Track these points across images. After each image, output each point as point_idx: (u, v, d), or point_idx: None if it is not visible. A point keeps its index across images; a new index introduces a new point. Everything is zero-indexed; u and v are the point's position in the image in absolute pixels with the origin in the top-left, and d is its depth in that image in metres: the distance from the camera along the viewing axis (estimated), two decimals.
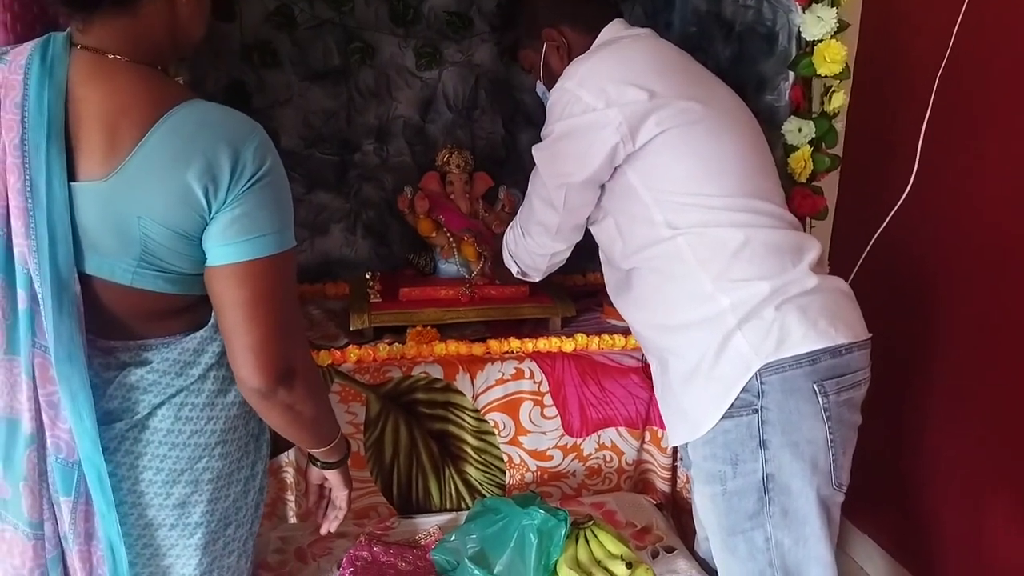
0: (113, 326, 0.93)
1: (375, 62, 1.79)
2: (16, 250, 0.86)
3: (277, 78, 1.75)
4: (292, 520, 1.55)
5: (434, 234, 1.73)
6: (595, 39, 1.31)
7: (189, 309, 0.97)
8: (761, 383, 1.09)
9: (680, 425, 1.20)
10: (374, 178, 1.86)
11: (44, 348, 0.88)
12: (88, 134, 0.85)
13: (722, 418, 1.11)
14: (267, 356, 0.91)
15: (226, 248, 0.88)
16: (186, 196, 0.86)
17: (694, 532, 1.44)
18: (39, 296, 0.86)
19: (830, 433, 1.11)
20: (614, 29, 1.31)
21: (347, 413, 1.52)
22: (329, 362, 1.50)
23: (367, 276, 1.65)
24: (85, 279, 0.90)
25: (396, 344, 1.53)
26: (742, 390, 1.10)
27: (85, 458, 0.91)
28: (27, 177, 0.83)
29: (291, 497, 1.54)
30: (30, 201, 0.83)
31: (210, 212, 0.87)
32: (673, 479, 1.64)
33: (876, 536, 1.95)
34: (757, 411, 1.10)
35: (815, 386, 1.09)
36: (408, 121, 1.84)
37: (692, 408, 1.16)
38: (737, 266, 1.12)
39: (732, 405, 1.11)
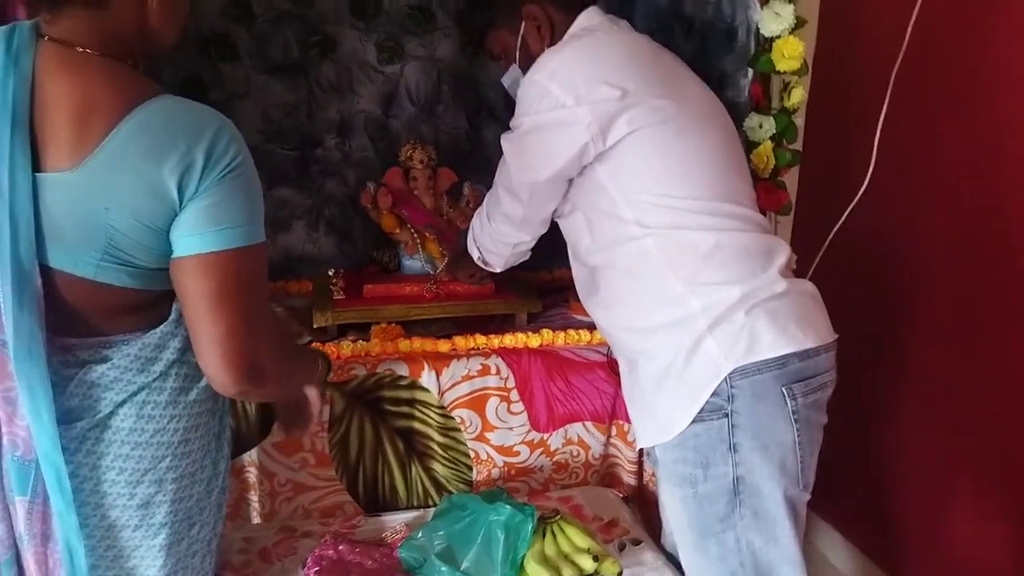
0: (73, 322, 0.91)
1: (336, 56, 1.77)
2: None
3: (235, 72, 1.72)
4: (256, 520, 1.53)
5: (398, 230, 1.71)
6: (572, 22, 1.27)
7: (150, 305, 0.96)
8: (731, 387, 1.10)
9: (649, 427, 1.20)
10: (336, 173, 1.84)
11: (4, 343, 0.86)
12: (55, 124, 0.84)
13: (692, 422, 1.11)
14: (233, 350, 0.90)
15: (193, 238, 0.88)
16: (158, 189, 0.85)
17: (660, 525, 1.45)
18: None
19: (798, 435, 1.11)
20: (590, 16, 1.27)
21: None
22: None
23: (330, 273, 1.63)
24: (46, 273, 0.87)
25: (360, 341, 1.52)
26: (712, 394, 1.10)
27: (43, 457, 0.88)
28: None
29: (255, 497, 1.52)
30: None
31: (180, 204, 0.87)
32: (639, 473, 1.65)
33: (840, 526, 2.00)
34: (727, 415, 1.10)
35: (784, 389, 1.10)
36: (370, 116, 1.83)
37: (662, 411, 1.16)
38: (707, 270, 1.12)
39: (702, 409, 1.11)
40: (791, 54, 1.35)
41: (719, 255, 1.13)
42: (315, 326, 1.56)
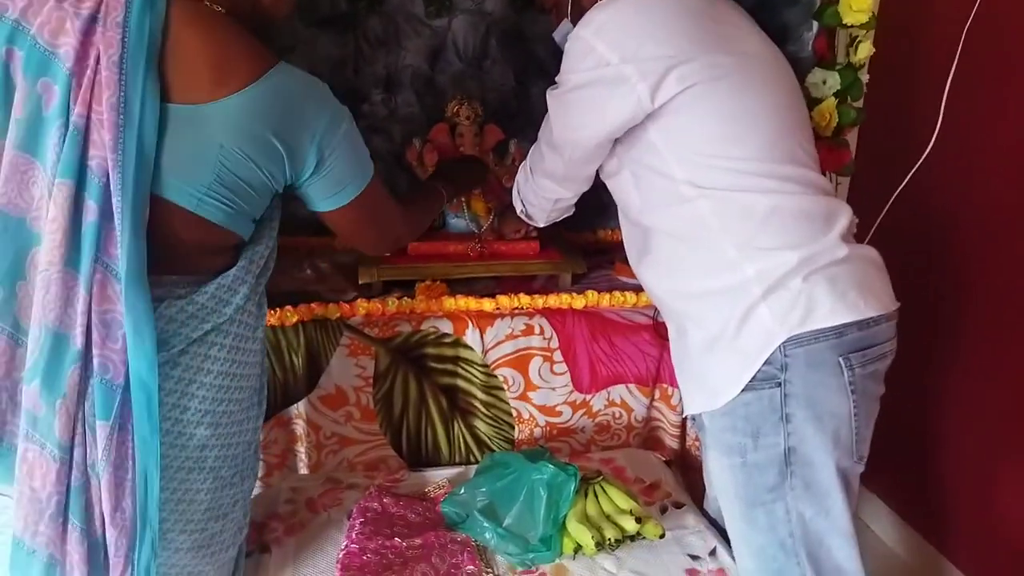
0: (161, 256, 0.93)
1: (383, 8, 1.73)
2: (94, 161, 0.87)
3: (282, 24, 1.70)
4: (303, 471, 1.56)
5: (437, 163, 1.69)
6: None
7: (229, 250, 1.02)
8: (785, 356, 1.06)
9: (697, 394, 1.17)
10: (382, 130, 1.82)
11: (106, 265, 0.89)
12: (187, 65, 0.90)
13: (743, 390, 1.08)
14: (381, 248, 1.35)
15: (326, 200, 1.06)
16: (283, 154, 0.96)
17: (702, 489, 1.44)
18: (115, 212, 0.87)
19: (854, 406, 1.08)
20: None
21: (356, 367, 1.52)
22: (338, 315, 1.49)
23: None
24: (151, 202, 0.91)
25: (405, 298, 1.52)
26: (764, 363, 1.07)
27: (138, 381, 0.90)
28: (122, 94, 0.86)
29: (302, 448, 1.55)
30: (122, 117, 0.86)
31: (302, 175, 1.01)
32: (682, 436, 1.64)
33: (884, 496, 1.96)
34: (780, 384, 1.07)
35: (841, 359, 1.06)
36: (417, 71, 1.80)
37: (711, 378, 1.13)
38: (764, 234, 1.08)
39: (754, 378, 1.07)
40: (859, 7, 1.28)
41: (776, 219, 1.08)
42: (360, 282, 1.56)
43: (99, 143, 0.86)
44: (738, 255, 1.09)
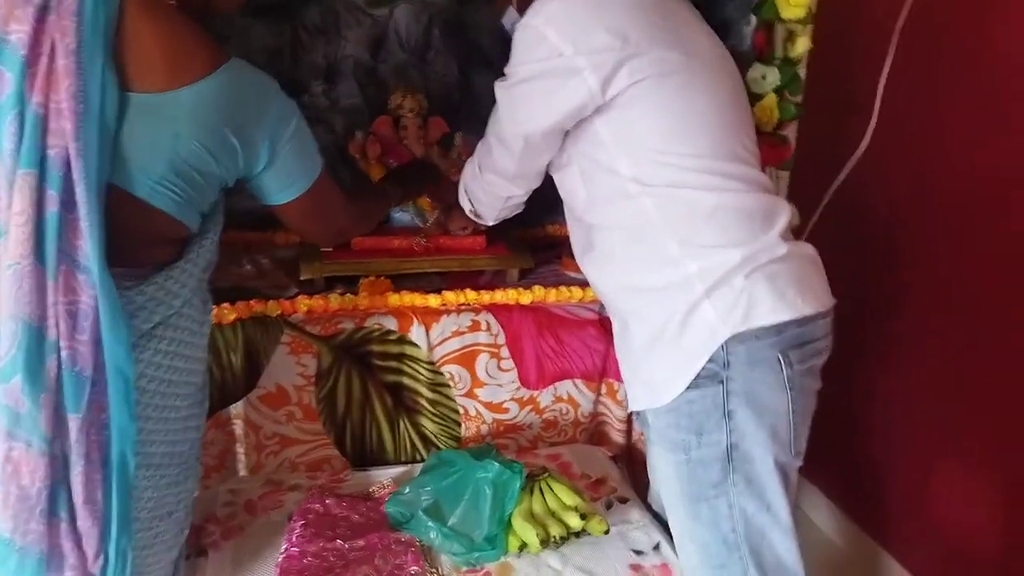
0: (108, 248, 0.91)
1: None
2: (53, 151, 0.85)
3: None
4: (242, 473, 1.52)
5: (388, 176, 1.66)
6: None
7: (177, 243, 1.02)
8: (727, 353, 1.07)
9: (641, 391, 1.17)
10: (323, 121, 1.77)
11: (69, 256, 0.87)
12: (142, 55, 0.90)
13: (687, 388, 1.09)
14: (327, 239, 1.43)
15: (274, 196, 1.10)
16: (226, 148, 0.97)
17: (647, 483, 1.45)
18: (79, 202, 0.86)
19: (792, 403, 1.09)
20: None
21: (298, 365, 1.48)
22: (278, 312, 1.45)
23: None
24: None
25: (348, 295, 1.49)
26: (708, 360, 1.07)
27: (115, 369, 0.90)
28: (81, 82, 0.85)
29: (241, 450, 1.51)
30: (82, 105, 0.85)
31: (255, 168, 1.03)
32: (628, 431, 1.65)
33: (826, 489, 2.01)
34: (722, 382, 1.08)
35: (780, 355, 1.07)
36: (358, 61, 1.76)
37: (655, 376, 1.13)
38: (707, 231, 1.09)
39: (698, 376, 1.08)
40: (796, 1, 1.29)
41: (720, 216, 1.09)
42: (302, 278, 1.53)
43: (58, 132, 0.85)
44: (681, 252, 1.09)
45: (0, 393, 0.86)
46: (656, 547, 1.30)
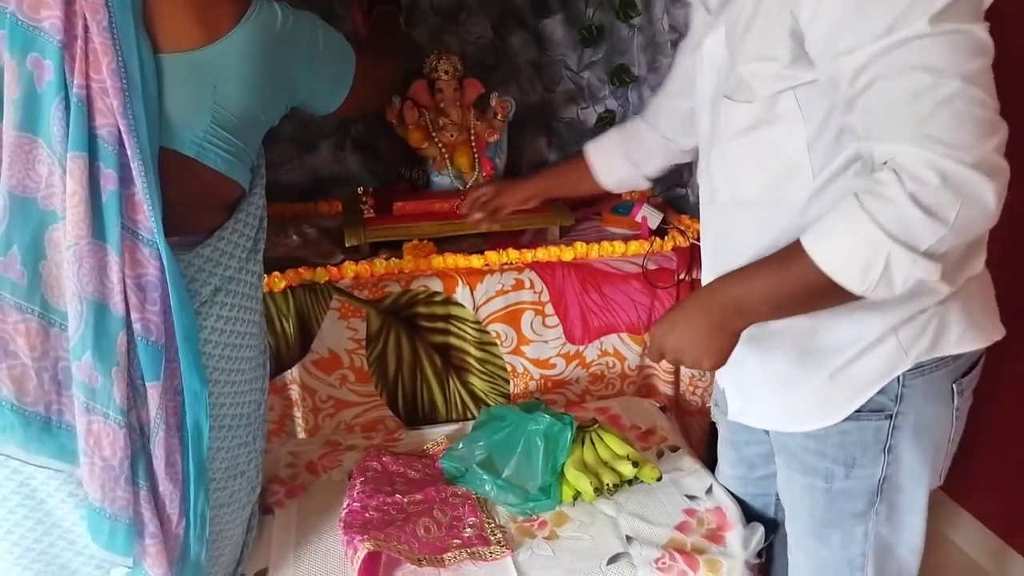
0: (163, 217, 0.93)
1: None
2: (104, 130, 0.87)
3: None
4: (301, 436, 1.57)
5: (425, 145, 1.68)
6: None
7: (228, 208, 1.03)
8: (902, 386, 0.94)
9: (773, 411, 1.04)
10: None
11: (132, 231, 0.90)
12: (168, 17, 0.89)
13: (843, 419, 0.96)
14: (380, 103, 1.53)
15: (328, 104, 1.13)
16: (266, 90, 0.98)
17: (697, 433, 1.45)
18: (136, 176, 0.88)
19: (954, 432, 1.00)
20: None
21: (348, 329, 1.52)
22: (326, 279, 1.48)
23: (359, 192, 1.62)
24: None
25: (393, 259, 1.52)
26: (878, 392, 0.94)
27: (184, 336, 0.94)
28: (120, 58, 0.86)
29: (298, 413, 1.56)
30: (124, 81, 0.86)
31: (294, 101, 1.05)
32: (676, 383, 1.66)
33: (980, 514, 1.80)
34: (890, 417, 0.95)
35: (953, 386, 0.96)
36: None
37: (801, 403, 0.99)
38: None
39: (861, 407, 0.95)
40: None
41: None
42: (347, 245, 1.56)
43: (105, 111, 0.86)
44: None
45: (74, 370, 0.90)
46: (708, 490, 1.31)
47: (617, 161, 1.38)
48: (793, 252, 0.83)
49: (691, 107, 1.17)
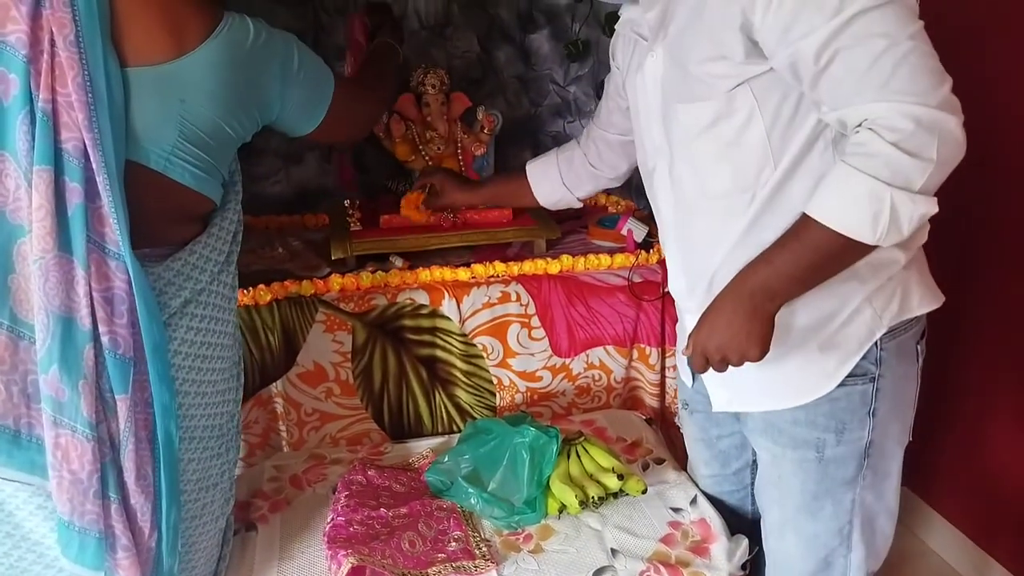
0: (132, 229, 0.93)
1: None
2: (69, 144, 0.86)
3: None
4: (285, 449, 1.56)
5: (412, 158, 1.68)
6: None
7: (199, 220, 1.03)
8: (880, 350, 1.01)
9: (764, 394, 1.08)
10: None
11: (98, 244, 0.89)
12: (137, 30, 0.89)
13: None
14: (367, 131, 1.35)
15: (302, 127, 1.11)
16: (237, 105, 0.97)
17: (684, 444, 1.45)
18: (101, 189, 0.88)
19: (917, 390, 1.08)
20: None
21: (333, 342, 1.51)
22: (312, 292, 1.48)
23: (346, 204, 1.62)
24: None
25: (379, 272, 1.52)
26: (861, 357, 1.01)
27: (153, 348, 0.94)
28: (86, 72, 0.86)
29: (283, 427, 1.55)
30: (90, 95, 0.86)
31: (267, 118, 1.04)
32: (662, 395, 1.66)
33: (957, 522, 1.80)
34: (873, 379, 1.02)
35: (917, 346, 1.05)
36: None
37: (792, 378, 1.05)
38: None
39: (849, 373, 1.02)
40: None
41: None
42: (333, 258, 1.55)
43: (71, 124, 0.86)
44: None
45: (41, 383, 0.89)
46: (693, 501, 1.32)
47: (553, 184, 1.49)
48: (803, 226, 0.91)
49: (620, 139, 1.32)
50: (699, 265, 1.07)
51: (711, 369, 1.01)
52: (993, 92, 1.52)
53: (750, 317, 0.94)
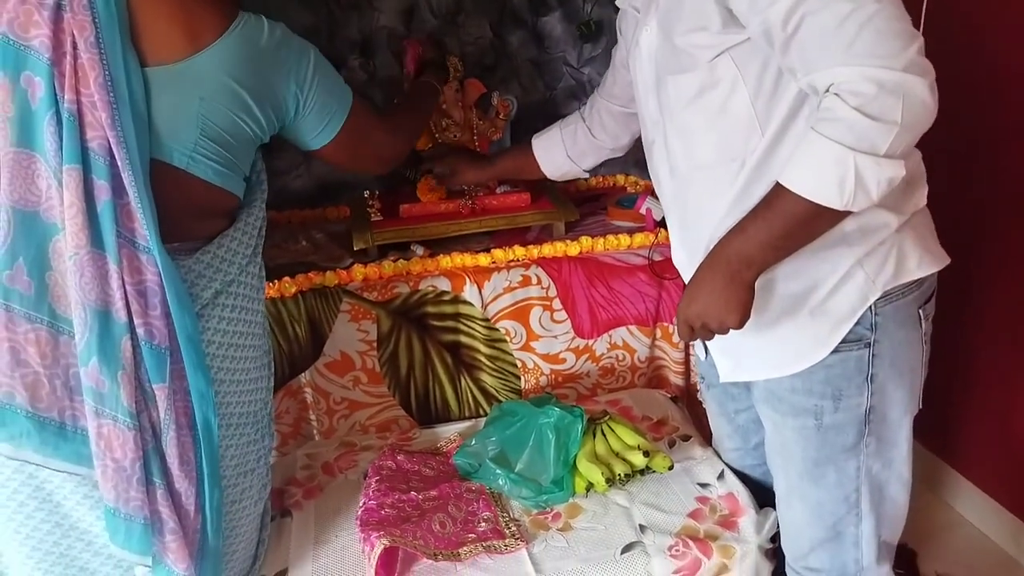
0: (160, 225, 0.95)
1: None
2: (94, 143, 0.89)
3: None
4: (316, 438, 1.59)
5: (430, 146, 1.69)
6: None
7: (226, 215, 1.06)
8: (875, 315, 1.01)
9: (760, 360, 1.09)
10: (363, 94, 1.80)
11: (128, 239, 0.93)
12: (154, 30, 0.92)
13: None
14: (384, 167, 1.31)
15: (314, 139, 1.12)
16: (253, 103, 0.99)
17: (707, 421, 1.45)
18: (127, 186, 0.91)
19: (925, 357, 1.06)
20: None
21: (359, 331, 1.53)
22: (336, 282, 1.51)
23: (366, 195, 1.64)
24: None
25: (401, 260, 1.54)
26: (855, 323, 1.01)
27: (186, 339, 0.97)
28: (107, 72, 0.89)
29: (313, 416, 1.58)
30: (112, 95, 0.89)
31: (280, 122, 1.05)
32: (687, 372, 1.66)
33: (994, 493, 1.78)
34: (868, 345, 1.02)
35: (919, 311, 1.03)
36: (392, 32, 1.78)
37: (791, 343, 1.05)
38: None
39: (843, 339, 1.01)
40: None
41: None
42: (355, 248, 1.57)
43: (95, 124, 0.89)
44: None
45: (82, 375, 0.93)
46: (720, 476, 1.32)
47: (558, 157, 1.49)
48: (774, 193, 0.92)
49: (623, 110, 1.33)
50: (695, 236, 1.08)
51: (700, 338, 1.04)
52: (1009, 51, 1.49)
53: (728, 284, 0.96)
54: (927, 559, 1.69)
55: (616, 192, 1.89)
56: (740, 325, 0.98)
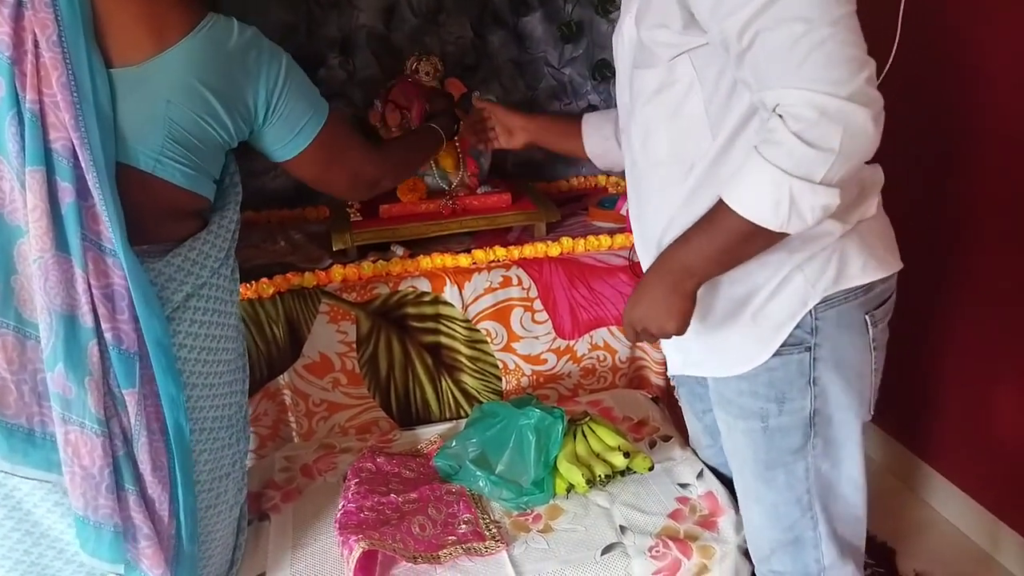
0: (129, 227, 0.93)
1: None
2: (58, 143, 0.87)
3: None
4: (295, 440, 1.58)
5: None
6: None
7: (197, 216, 1.04)
8: (815, 319, 1.01)
9: (710, 357, 1.09)
10: (342, 94, 1.80)
11: (94, 243, 0.90)
12: (121, 27, 0.90)
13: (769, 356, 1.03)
14: (355, 192, 1.27)
15: (283, 149, 1.08)
16: (219, 106, 0.96)
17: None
18: (92, 188, 0.89)
19: (874, 363, 1.06)
20: None
21: (338, 333, 1.52)
22: (315, 283, 1.49)
23: None
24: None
25: (380, 261, 1.52)
26: (795, 327, 1.01)
27: (155, 343, 0.95)
28: (70, 72, 0.86)
29: (292, 418, 1.56)
30: (75, 95, 0.86)
31: (249, 127, 1.02)
32: (667, 373, 1.66)
33: (971, 491, 1.80)
34: (809, 349, 1.02)
35: (867, 317, 1.03)
36: (372, 31, 1.77)
37: (733, 345, 1.05)
38: None
39: (783, 343, 1.02)
40: None
41: None
42: (335, 249, 1.56)
43: (58, 124, 0.87)
44: None
45: (48, 381, 0.91)
46: (699, 475, 1.32)
47: (606, 140, 1.40)
48: (717, 209, 0.92)
49: None
50: (648, 232, 1.09)
51: (643, 340, 1.05)
52: (981, 62, 1.51)
53: (669, 293, 0.97)
54: (905, 557, 1.71)
55: (597, 193, 1.89)
56: (680, 332, 0.99)
